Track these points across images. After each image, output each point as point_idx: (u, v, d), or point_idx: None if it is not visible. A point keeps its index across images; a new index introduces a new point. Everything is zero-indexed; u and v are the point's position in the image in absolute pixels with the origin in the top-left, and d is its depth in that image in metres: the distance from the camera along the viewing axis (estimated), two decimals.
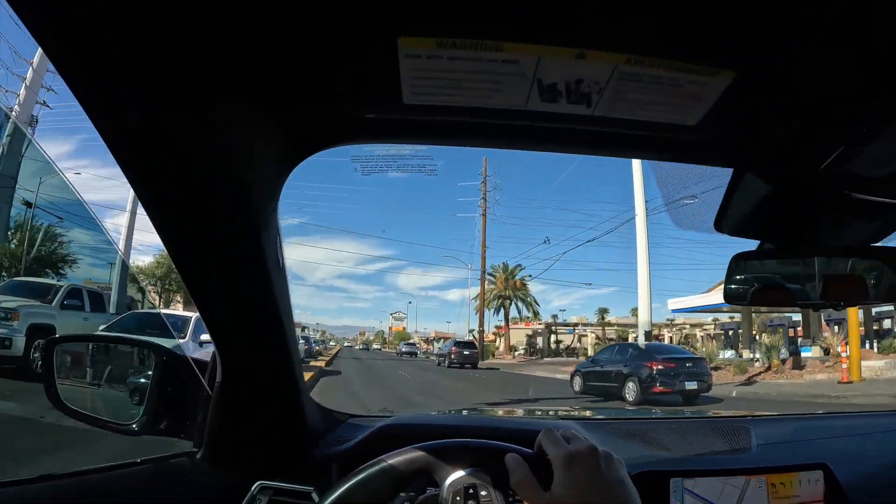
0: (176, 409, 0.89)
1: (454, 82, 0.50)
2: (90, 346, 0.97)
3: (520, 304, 35.90)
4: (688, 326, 29.93)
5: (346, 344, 75.56)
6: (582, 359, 17.57)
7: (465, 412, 1.63)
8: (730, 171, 0.70)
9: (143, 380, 0.90)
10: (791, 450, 1.03)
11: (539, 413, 0.95)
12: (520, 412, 1.23)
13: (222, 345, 0.78)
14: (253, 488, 0.87)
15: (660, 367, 9.59)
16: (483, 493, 0.58)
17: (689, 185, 0.70)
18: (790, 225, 0.76)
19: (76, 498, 0.75)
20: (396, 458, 0.60)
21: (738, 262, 0.73)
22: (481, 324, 31.14)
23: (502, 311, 35.24)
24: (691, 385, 9.40)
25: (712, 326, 27.27)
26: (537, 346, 35.60)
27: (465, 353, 20.83)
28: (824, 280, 0.76)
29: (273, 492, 0.86)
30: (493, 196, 30.14)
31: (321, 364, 15.88)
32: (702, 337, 27.18)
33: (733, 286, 0.73)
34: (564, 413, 1.06)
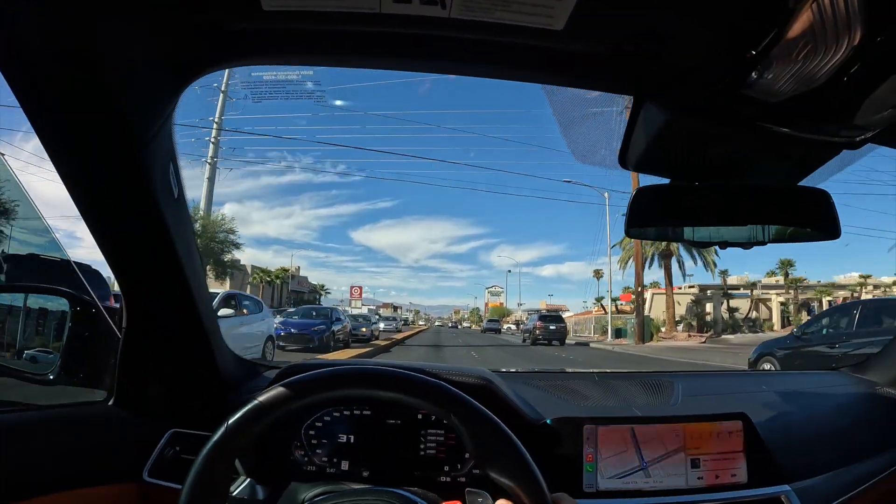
0: (91, 357, 0.88)
1: None
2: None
3: (683, 253, 25.33)
4: None
5: (437, 323, 74.19)
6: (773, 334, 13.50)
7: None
8: (630, 98, 0.68)
9: (57, 328, 0.89)
10: (712, 402, 1.02)
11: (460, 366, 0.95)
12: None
13: (123, 284, 0.77)
14: (165, 435, 0.87)
15: None
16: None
17: (587, 115, 0.68)
18: (698, 160, 0.73)
19: None
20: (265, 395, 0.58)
21: (642, 195, 0.71)
22: (640, 282, 21.94)
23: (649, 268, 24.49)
24: None
25: None
26: (706, 318, 26.80)
27: (552, 327, 18.31)
28: (734, 216, 0.74)
29: (187, 438, 0.86)
30: None
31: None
32: None
33: (634, 220, 0.71)
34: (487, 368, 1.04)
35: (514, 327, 45.51)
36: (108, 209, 0.69)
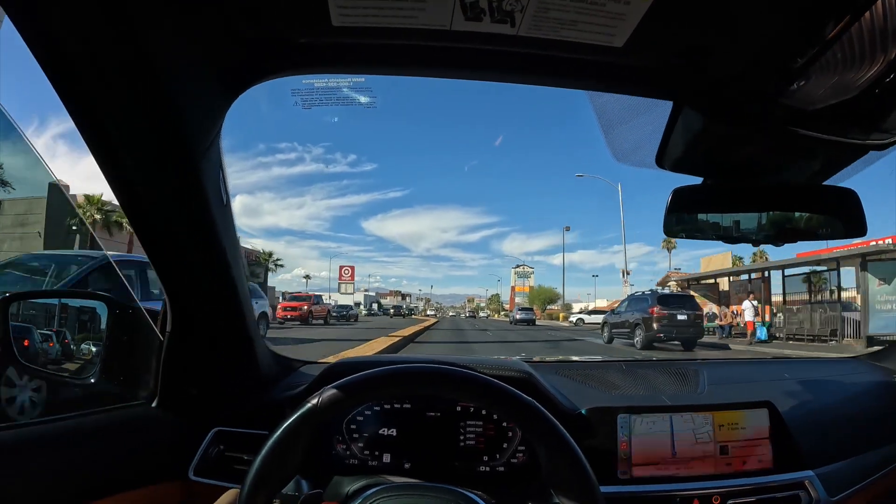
0: (131, 359, 0.89)
1: (380, 0, 0.50)
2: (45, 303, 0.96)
3: None
4: None
5: (450, 314, 64.10)
6: None
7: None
8: (669, 103, 0.70)
9: (97, 332, 0.90)
10: (738, 390, 1.06)
11: (496, 357, 0.98)
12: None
13: (169, 288, 0.78)
14: (209, 434, 0.88)
15: None
16: None
17: (627, 118, 0.70)
18: (731, 161, 0.76)
19: (22, 446, 0.75)
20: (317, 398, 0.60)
21: (679, 195, 0.74)
22: None
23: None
24: None
25: None
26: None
27: (681, 318, 19.03)
28: (763, 216, 0.77)
29: (230, 437, 0.88)
30: None
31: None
32: None
33: (673, 219, 0.74)
34: (518, 357, 1.07)
35: (584, 319, 32.56)
36: (161, 218, 0.70)
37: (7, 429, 0.75)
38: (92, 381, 0.88)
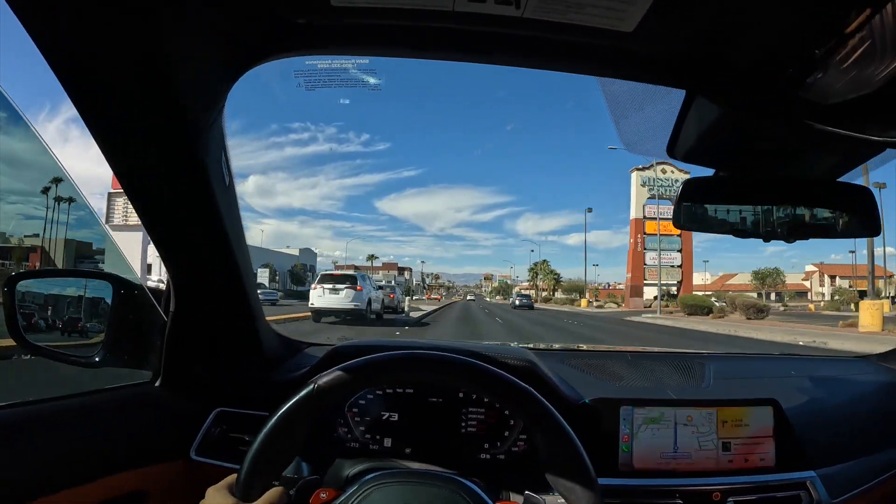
0: (136, 339, 0.90)
1: None
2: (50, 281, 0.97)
3: None
4: None
5: (469, 297, 61.29)
6: None
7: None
8: (682, 92, 0.69)
9: (103, 311, 0.90)
10: (743, 386, 1.05)
11: (499, 344, 0.98)
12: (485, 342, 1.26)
13: (172, 267, 0.79)
14: (212, 414, 0.89)
15: None
16: None
17: (639, 106, 0.69)
18: (744, 153, 0.74)
19: (25, 424, 0.76)
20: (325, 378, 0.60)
21: (690, 186, 0.73)
22: None
23: None
24: None
25: None
26: None
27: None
28: (775, 212, 0.76)
29: (233, 417, 0.89)
30: None
31: None
32: None
33: (683, 211, 0.73)
34: (523, 345, 1.07)
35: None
36: (162, 196, 0.70)
37: (10, 406, 0.76)
38: (96, 360, 0.88)
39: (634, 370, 1.05)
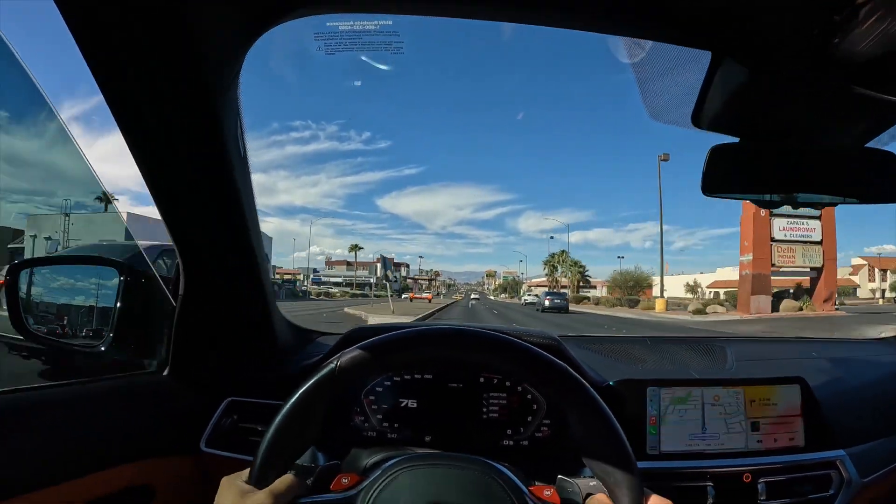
0: (143, 326, 0.87)
1: None
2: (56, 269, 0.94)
3: None
4: None
5: (473, 296, 51.66)
6: None
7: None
8: (707, 60, 0.67)
9: (109, 299, 0.87)
10: (766, 367, 1.03)
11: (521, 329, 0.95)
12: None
13: (182, 248, 0.75)
14: (223, 404, 0.86)
15: None
16: None
17: (664, 72, 0.67)
18: (771, 119, 0.73)
19: (27, 410, 0.72)
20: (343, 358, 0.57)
21: (716, 154, 0.71)
22: None
23: None
24: None
25: None
26: None
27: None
28: (803, 178, 0.74)
29: (244, 407, 0.85)
30: None
31: None
32: None
33: (710, 178, 0.71)
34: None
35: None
36: (174, 162, 0.67)
37: (11, 392, 0.72)
38: (102, 348, 0.85)
39: (656, 353, 1.03)
